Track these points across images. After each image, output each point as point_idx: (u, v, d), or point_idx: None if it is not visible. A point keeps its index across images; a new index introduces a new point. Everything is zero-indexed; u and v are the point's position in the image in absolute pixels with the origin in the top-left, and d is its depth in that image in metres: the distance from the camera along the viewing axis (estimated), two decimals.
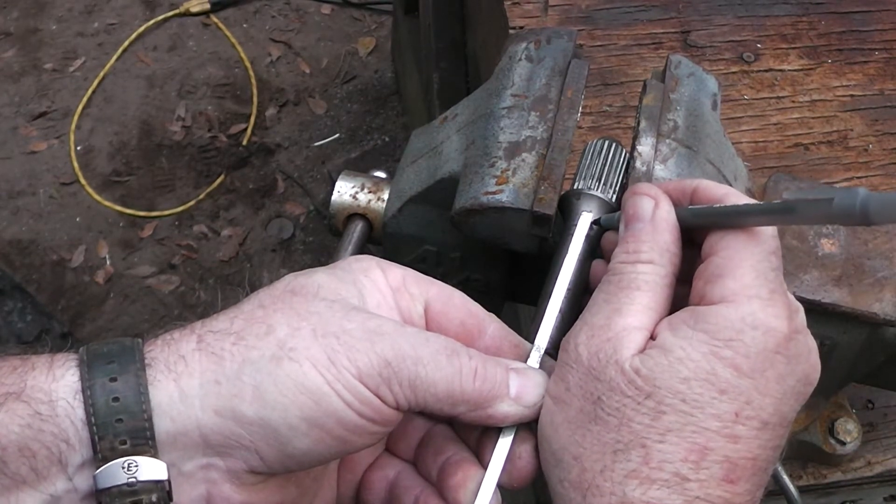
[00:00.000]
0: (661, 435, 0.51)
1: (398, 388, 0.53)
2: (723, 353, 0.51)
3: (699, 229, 0.57)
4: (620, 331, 0.54)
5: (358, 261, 0.60)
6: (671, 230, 0.57)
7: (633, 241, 0.57)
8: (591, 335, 0.55)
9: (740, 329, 0.52)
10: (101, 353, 0.53)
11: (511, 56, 0.73)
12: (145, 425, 0.51)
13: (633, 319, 0.54)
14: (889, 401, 0.92)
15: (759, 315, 0.52)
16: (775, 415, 0.52)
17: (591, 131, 0.96)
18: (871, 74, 1.01)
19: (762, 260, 0.54)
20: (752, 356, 0.52)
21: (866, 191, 0.46)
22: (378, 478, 0.61)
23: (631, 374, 0.52)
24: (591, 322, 0.55)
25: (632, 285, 0.55)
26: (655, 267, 0.56)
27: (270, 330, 0.53)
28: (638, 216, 0.58)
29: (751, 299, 0.52)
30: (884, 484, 0.93)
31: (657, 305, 0.55)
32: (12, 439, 0.50)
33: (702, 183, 0.58)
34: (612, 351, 0.53)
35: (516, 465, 0.57)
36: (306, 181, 2.52)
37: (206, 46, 2.76)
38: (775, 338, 0.52)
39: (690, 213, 0.57)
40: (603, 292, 0.57)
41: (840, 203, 0.47)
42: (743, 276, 0.53)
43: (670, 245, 0.57)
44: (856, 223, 0.47)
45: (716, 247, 0.55)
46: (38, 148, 2.56)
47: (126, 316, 2.33)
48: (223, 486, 0.54)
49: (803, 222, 0.51)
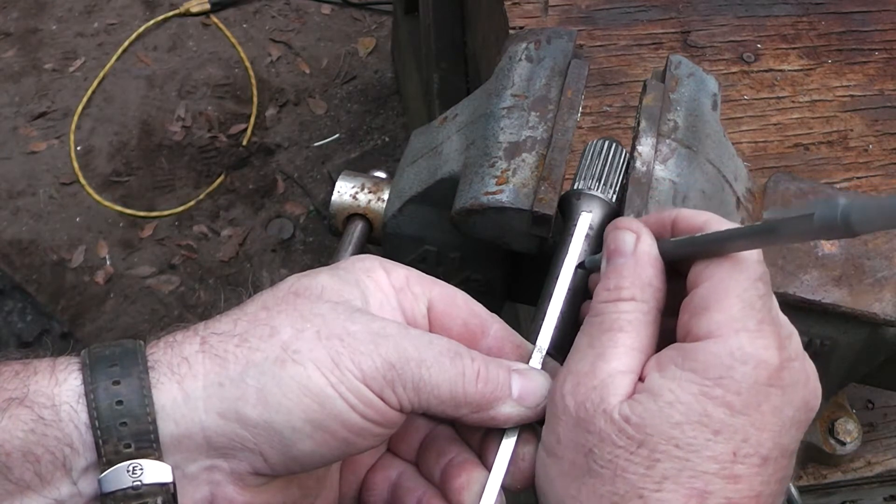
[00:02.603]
0: (657, 483, 0.50)
1: (402, 390, 0.53)
2: (713, 392, 0.50)
3: (683, 260, 0.55)
4: (606, 377, 0.52)
5: (361, 261, 0.60)
6: (653, 264, 0.55)
7: (614, 276, 0.55)
8: (576, 383, 0.53)
9: (729, 365, 0.50)
10: (103, 355, 0.53)
11: (511, 56, 0.73)
12: (149, 428, 0.51)
13: (618, 363, 0.53)
14: (889, 401, 0.92)
15: (748, 348, 0.50)
16: (775, 448, 0.51)
17: (591, 131, 0.96)
18: (871, 74, 1.01)
19: (748, 288, 0.52)
20: (745, 392, 0.50)
21: (846, 201, 0.44)
22: (380, 479, 0.61)
23: (621, 423, 0.51)
24: (575, 370, 0.54)
25: (614, 326, 0.54)
26: (638, 304, 0.54)
27: (274, 332, 0.53)
28: (619, 251, 0.56)
29: (738, 332, 0.51)
30: (884, 484, 0.93)
31: (642, 345, 0.54)
32: (16, 445, 0.50)
33: (681, 212, 0.57)
34: (600, 400, 0.52)
35: (519, 467, 0.57)
36: (306, 181, 2.52)
37: (206, 46, 2.76)
38: (767, 370, 0.50)
39: (673, 244, 0.56)
40: (586, 335, 0.55)
41: (821, 217, 0.45)
42: (729, 307, 0.51)
43: (653, 279, 0.55)
44: (840, 235, 0.45)
45: (700, 277, 0.53)
46: (38, 148, 2.56)
47: (126, 316, 2.33)
48: (227, 487, 0.54)
49: (787, 241, 0.50)
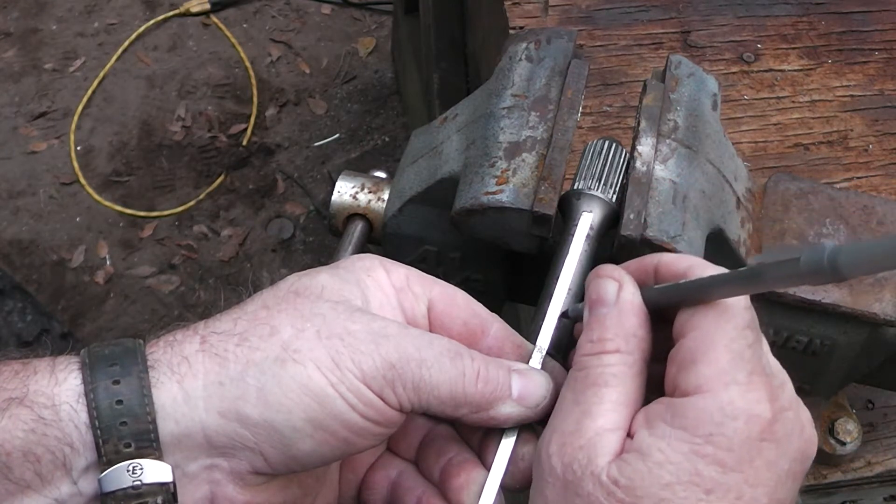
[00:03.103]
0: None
1: (402, 390, 0.53)
2: (704, 450, 0.48)
3: (668, 308, 0.54)
4: (593, 436, 0.51)
5: (361, 260, 0.60)
6: (637, 313, 0.54)
7: (597, 328, 0.54)
8: (562, 444, 0.51)
9: (720, 422, 0.48)
10: (103, 355, 0.53)
11: (511, 56, 0.73)
12: (149, 428, 0.51)
13: (605, 420, 0.51)
14: (889, 401, 0.92)
15: (739, 403, 0.49)
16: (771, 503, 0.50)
17: (591, 131, 0.96)
18: (871, 74, 1.01)
19: (736, 338, 0.50)
20: (737, 448, 0.48)
21: (833, 245, 0.43)
22: (380, 478, 0.61)
23: (610, 487, 0.49)
24: (560, 428, 0.52)
25: (599, 381, 0.52)
26: (622, 356, 0.53)
27: (274, 331, 0.53)
28: (602, 300, 0.55)
29: (727, 386, 0.49)
30: (884, 484, 0.93)
31: (628, 399, 0.52)
32: (16, 444, 0.50)
33: (663, 258, 0.56)
34: (587, 461, 0.50)
35: (519, 467, 0.57)
36: (306, 181, 2.52)
37: (206, 46, 2.76)
38: (759, 424, 0.49)
39: (656, 292, 0.54)
40: (570, 391, 0.53)
41: (808, 261, 0.43)
42: (717, 359, 0.50)
43: (637, 329, 0.54)
44: (828, 280, 0.43)
45: (685, 328, 0.52)
46: (38, 148, 2.56)
47: (126, 316, 2.33)
48: (227, 486, 0.54)
49: (773, 287, 0.47)
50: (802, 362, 0.77)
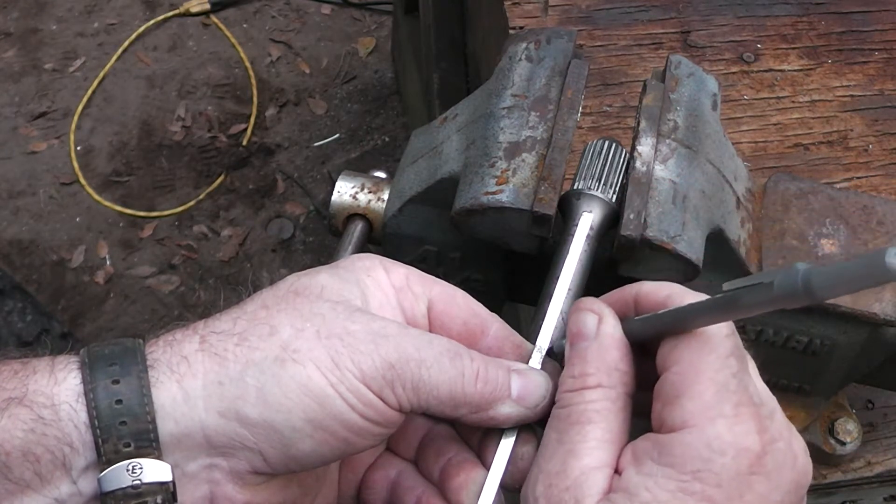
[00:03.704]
0: None
1: (401, 390, 0.53)
2: (692, 487, 0.47)
3: (650, 339, 0.53)
4: (578, 475, 0.50)
5: (361, 260, 0.60)
6: (618, 346, 0.53)
7: (578, 363, 0.53)
8: (548, 485, 0.51)
9: (707, 457, 0.47)
10: (102, 354, 0.53)
11: (511, 56, 0.73)
12: (149, 427, 0.51)
13: (591, 459, 0.50)
14: (889, 401, 0.92)
15: (726, 437, 0.48)
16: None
17: (591, 131, 0.96)
18: (871, 74, 1.01)
19: (720, 369, 0.49)
20: (725, 484, 0.47)
21: (805, 266, 0.42)
22: (379, 477, 0.61)
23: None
24: (546, 469, 0.51)
25: (582, 418, 0.51)
26: (605, 391, 0.52)
27: (274, 331, 0.53)
28: (581, 334, 0.54)
29: (714, 420, 0.48)
30: (884, 484, 0.93)
31: (613, 436, 0.51)
32: (16, 444, 0.50)
33: (643, 288, 0.55)
34: (574, 502, 0.49)
35: (518, 467, 0.57)
36: (306, 181, 2.52)
37: (206, 46, 2.76)
38: (748, 458, 0.48)
39: (637, 323, 0.54)
40: (553, 430, 0.53)
41: (781, 284, 0.43)
42: (701, 393, 0.49)
43: (619, 363, 0.53)
44: (803, 302, 0.42)
45: (668, 360, 0.51)
46: (38, 148, 2.56)
47: (126, 316, 2.33)
48: (226, 486, 0.54)
49: (750, 312, 0.47)
50: (802, 362, 0.77)
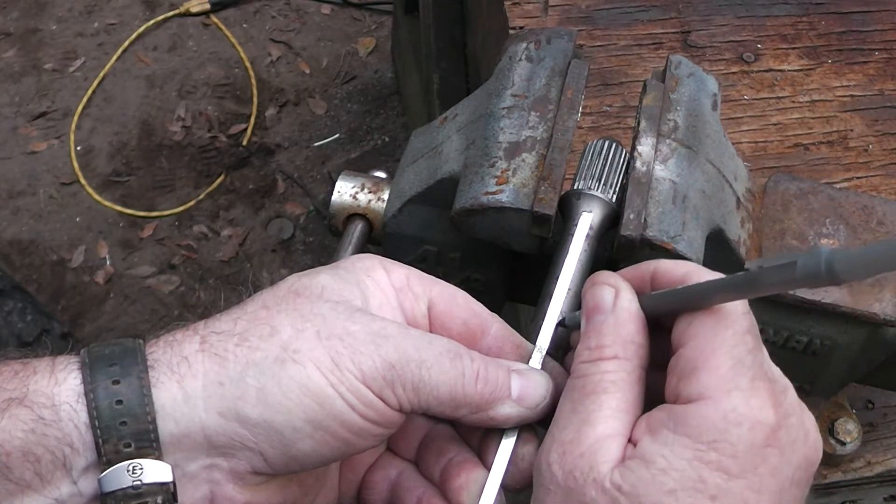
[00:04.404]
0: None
1: (401, 390, 0.53)
2: (708, 456, 0.48)
3: (666, 315, 0.53)
4: (593, 443, 0.50)
5: (361, 260, 0.60)
6: (634, 320, 0.54)
7: (594, 335, 0.54)
8: (562, 452, 0.51)
9: (723, 429, 0.48)
10: (102, 355, 0.53)
11: (511, 56, 0.73)
12: (149, 428, 0.51)
13: (605, 427, 0.51)
14: (889, 401, 0.92)
15: (742, 409, 0.48)
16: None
17: (591, 131, 0.96)
18: (871, 74, 1.01)
19: (736, 344, 0.50)
20: (741, 455, 0.48)
21: (829, 249, 0.43)
22: (380, 478, 0.61)
23: (613, 493, 0.49)
24: (560, 437, 0.52)
25: (598, 388, 0.52)
26: (621, 362, 0.52)
27: (274, 331, 0.53)
28: (598, 308, 0.54)
29: (730, 393, 0.49)
30: (884, 484, 0.93)
31: (629, 406, 0.52)
32: (16, 445, 0.50)
33: (660, 265, 0.55)
34: (588, 468, 0.50)
35: (519, 467, 0.57)
36: (306, 181, 2.52)
37: (206, 46, 2.76)
38: (763, 431, 0.48)
39: (653, 299, 0.54)
40: (568, 400, 0.53)
41: (804, 266, 0.43)
42: (718, 367, 0.49)
43: (635, 336, 0.53)
44: (825, 284, 0.43)
45: (684, 336, 0.51)
46: (38, 148, 2.56)
47: (126, 316, 2.33)
48: (226, 486, 0.54)
49: (770, 291, 0.48)
50: (802, 362, 0.77)
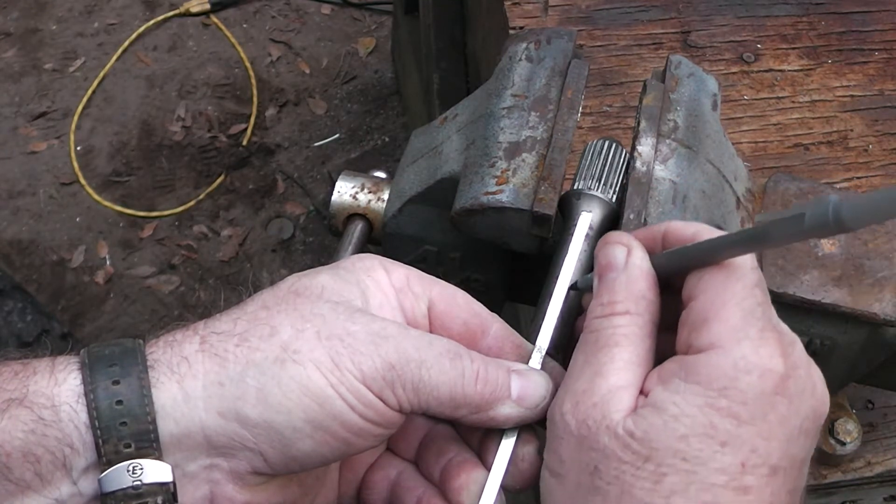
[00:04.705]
0: (665, 499, 0.48)
1: (401, 391, 0.53)
2: (719, 403, 0.49)
3: (676, 274, 0.54)
4: (606, 393, 0.51)
5: (361, 260, 0.60)
6: (646, 277, 0.54)
7: (607, 292, 0.54)
8: (575, 402, 0.52)
9: (734, 376, 0.49)
10: (102, 355, 0.53)
11: (511, 56, 0.73)
12: (149, 428, 0.51)
13: (617, 379, 0.52)
14: (889, 401, 0.92)
15: (752, 358, 0.49)
16: (784, 458, 0.50)
17: (591, 131, 0.96)
18: (871, 74, 1.01)
19: (746, 297, 0.51)
20: (751, 402, 0.49)
21: (837, 198, 0.44)
22: (380, 478, 0.61)
23: (625, 438, 0.50)
24: (573, 388, 0.53)
25: (610, 342, 0.53)
26: (633, 317, 0.53)
27: (274, 332, 0.53)
28: (611, 266, 0.55)
29: (740, 342, 0.49)
30: (884, 484, 0.93)
31: (640, 359, 0.53)
32: (16, 445, 0.50)
33: (671, 225, 0.56)
34: (601, 416, 0.51)
35: (519, 468, 0.57)
36: (306, 181, 2.52)
37: (206, 46, 2.76)
38: (772, 379, 0.49)
39: (665, 257, 0.55)
40: (581, 353, 0.54)
41: (813, 216, 0.45)
42: (728, 318, 0.50)
43: (646, 292, 0.54)
44: (833, 233, 0.45)
45: (695, 290, 0.52)
46: (38, 148, 2.56)
47: (126, 316, 2.33)
48: (226, 486, 0.54)
49: (780, 244, 0.49)
50: None
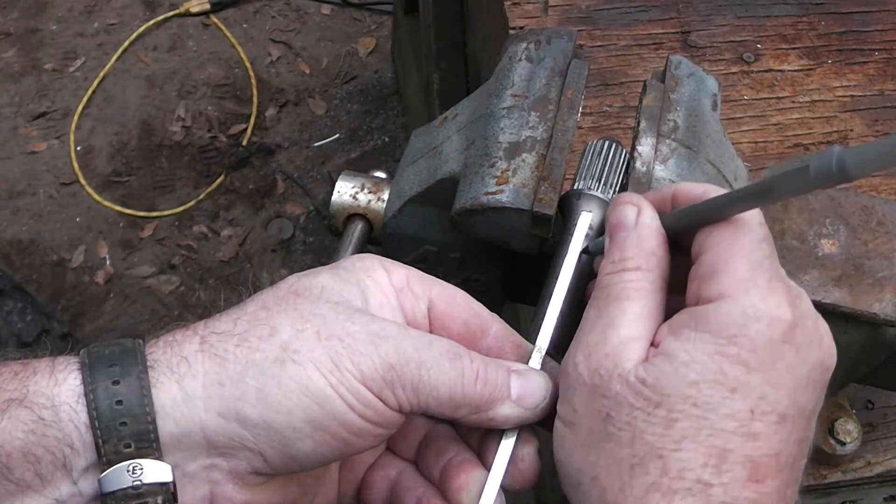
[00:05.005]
0: (676, 443, 0.49)
1: (401, 391, 0.53)
2: (728, 350, 0.50)
3: (686, 232, 0.55)
4: (617, 344, 0.52)
5: (361, 260, 0.60)
6: (656, 235, 0.55)
7: (618, 250, 0.55)
8: (588, 353, 0.53)
9: (743, 323, 0.50)
10: (102, 355, 0.53)
11: (511, 56, 0.73)
12: (149, 428, 0.51)
13: (628, 330, 0.53)
14: (889, 401, 0.92)
15: (760, 306, 0.50)
16: (792, 407, 0.50)
17: (591, 131, 0.96)
18: (871, 74, 1.01)
19: (753, 250, 0.52)
20: (759, 349, 0.50)
21: (840, 149, 0.45)
22: (379, 478, 0.61)
23: (637, 385, 0.51)
24: (585, 340, 0.54)
25: (621, 295, 0.54)
26: (643, 273, 0.54)
27: (274, 332, 0.53)
28: (622, 225, 0.56)
29: (749, 291, 0.50)
30: (884, 484, 0.93)
31: (651, 312, 0.54)
32: (16, 445, 0.50)
33: (680, 186, 0.57)
34: (613, 365, 0.52)
35: (519, 468, 0.57)
36: (306, 181, 2.52)
37: (206, 46, 2.76)
38: (780, 327, 0.50)
39: (674, 216, 0.56)
40: (593, 307, 0.55)
41: (817, 167, 0.46)
42: (737, 269, 0.51)
43: (656, 249, 0.55)
44: (837, 182, 0.46)
45: (704, 245, 0.53)
46: (38, 148, 2.56)
47: (126, 316, 2.33)
48: (226, 486, 0.54)
49: (786, 196, 0.50)
50: None
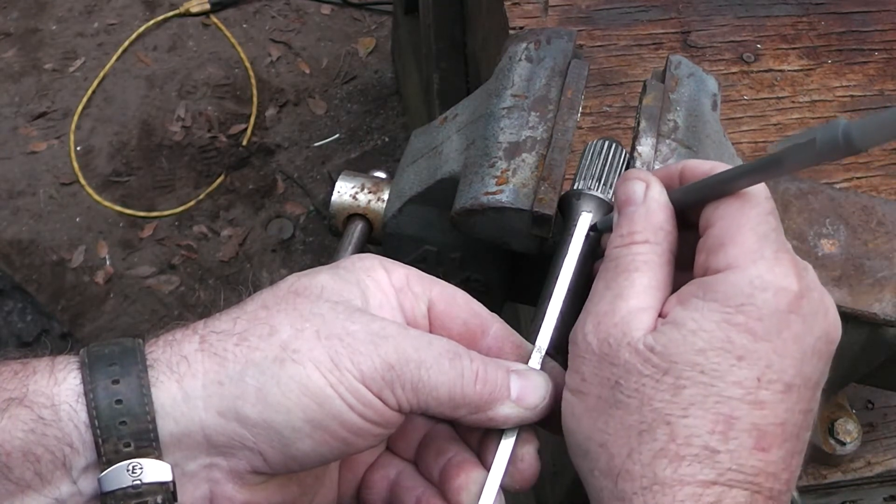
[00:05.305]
0: (683, 410, 0.50)
1: (401, 391, 0.53)
2: (735, 319, 0.50)
3: (693, 206, 0.56)
4: (626, 314, 0.53)
5: (361, 260, 0.60)
6: (664, 209, 0.56)
7: (626, 224, 0.56)
8: (597, 323, 0.54)
9: (750, 293, 0.51)
10: (102, 354, 0.53)
11: (511, 56, 0.73)
12: (149, 427, 0.51)
13: (637, 301, 0.53)
14: (889, 401, 0.92)
15: (767, 276, 0.51)
16: (798, 376, 0.51)
17: (591, 131, 0.96)
18: (871, 75, 1.01)
19: (760, 222, 0.53)
20: (766, 318, 0.50)
21: (846, 121, 0.46)
22: (379, 477, 0.61)
23: (646, 353, 0.51)
24: (594, 311, 0.54)
25: (630, 267, 0.55)
26: (651, 246, 0.55)
27: (273, 331, 0.53)
28: (630, 200, 0.57)
29: (756, 262, 0.51)
30: (884, 484, 0.93)
31: (659, 284, 0.54)
32: (16, 445, 0.50)
33: (688, 163, 0.58)
34: (622, 334, 0.52)
35: (518, 468, 0.57)
36: (306, 181, 2.52)
37: (206, 46, 2.76)
38: (787, 297, 0.51)
39: (682, 191, 0.57)
40: (602, 280, 0.56)
41: (823, 139, 0.47)
42: (744, 240, 0.52)
43: (664, 223, 0.56)
44: (843, 154, 0.47)
45: (712, 218, 0.54)
46: (38, 148, 2.56)
47: (126, 316, 2.33)
48: (226, 485, 0.54)
49: (793, 170, 0.51)
50: None
